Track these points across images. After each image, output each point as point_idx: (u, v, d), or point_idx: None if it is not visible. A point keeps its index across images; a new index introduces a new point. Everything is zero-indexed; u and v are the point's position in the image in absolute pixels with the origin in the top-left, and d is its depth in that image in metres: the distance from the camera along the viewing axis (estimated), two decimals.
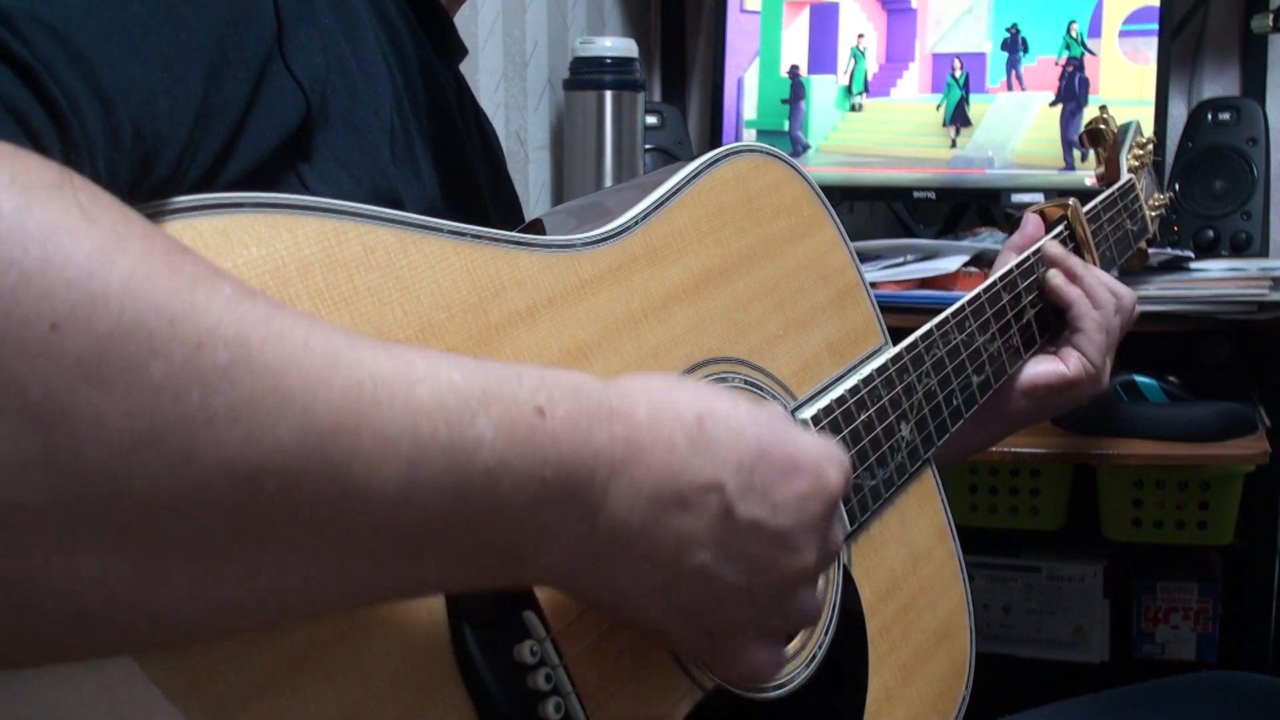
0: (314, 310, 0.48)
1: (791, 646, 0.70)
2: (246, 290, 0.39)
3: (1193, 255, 1.50)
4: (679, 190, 0.72)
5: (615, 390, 0.50)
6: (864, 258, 1.55)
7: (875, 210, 1.94)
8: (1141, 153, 1.19)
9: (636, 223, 0.68)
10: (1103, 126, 1.16)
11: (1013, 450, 1.38)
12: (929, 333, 0.86)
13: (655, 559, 0.50)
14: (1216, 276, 1.44)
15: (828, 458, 0.56)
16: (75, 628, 0.37)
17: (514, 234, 0.60)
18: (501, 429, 0.44)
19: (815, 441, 0.57)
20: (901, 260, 1.53)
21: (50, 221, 0.35)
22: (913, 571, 0.82)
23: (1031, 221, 1.05)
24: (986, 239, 1.62)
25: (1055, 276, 0.98)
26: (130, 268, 0.36)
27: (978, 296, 0.92)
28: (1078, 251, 1.05)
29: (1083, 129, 1.18)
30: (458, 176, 0.72)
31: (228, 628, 0.41)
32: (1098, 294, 0.99)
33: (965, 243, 1.57)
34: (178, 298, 0.37)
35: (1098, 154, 1.18)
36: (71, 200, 0.36)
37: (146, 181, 0.45)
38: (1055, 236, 1.02)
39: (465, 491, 0.43)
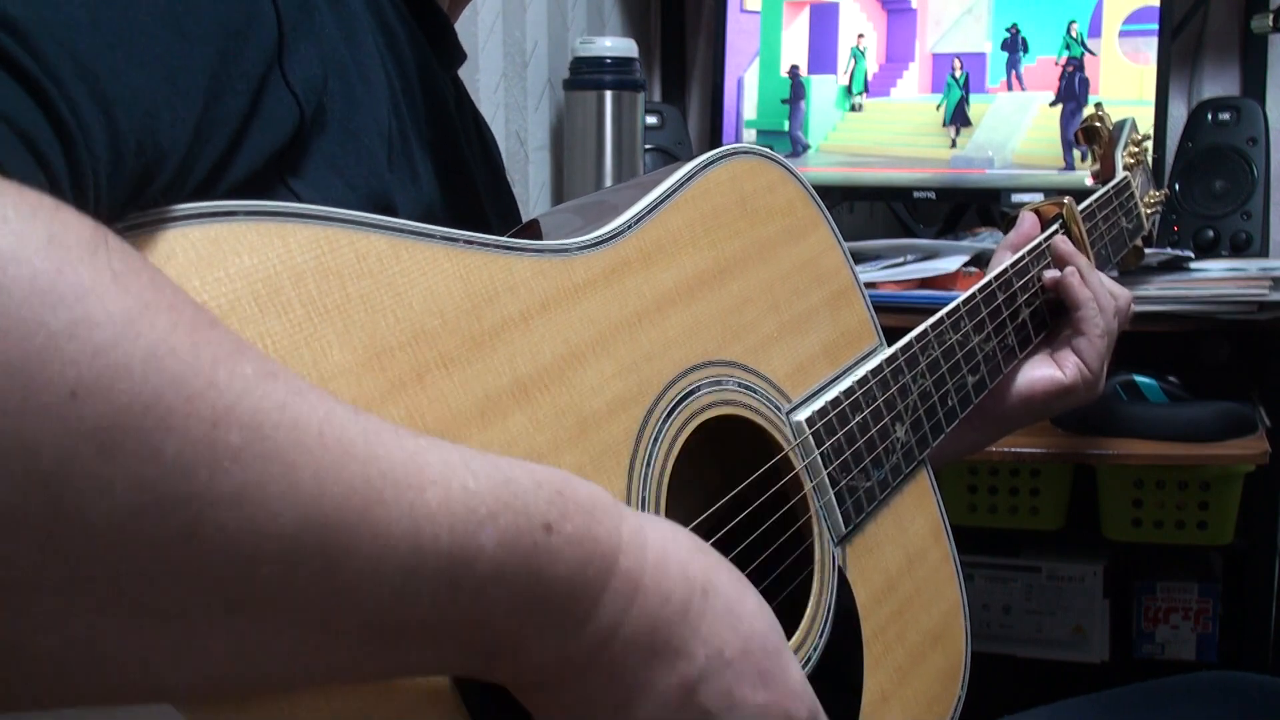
0: (306, 319, 0.49)
1: (788, 645, 0.70)
2: (268, 370, 0.39)
3: (1193, 255, 1.50)
4: (673, 193, 0.72)
5: (634, 521, 0.50)
6: (864, 258, 1.55)
7: (875, 210, 1.94)
8: (1137, 149, 1.19)
9: (630, 226, 0.68)
10: (1098, 124, 1.16)
11: (1013, 450, 1.39)
12: (924, 333, 0.86)
13: (607, 694, 0.50)
14: (1216, 276, 1.44)
15: (802, 693, 0.57)
16: (57, 682, 0.37)
17: (507, 239, 0.60)
18: (505, 542, 0.44)
19: (799, 673, 0.57)
20: (901, 260, 1.54)
21: (83, 285, 0.35)
22: (908, 572, 0.82)
23: (1028, 220, 1.05)
24: (986, 239, 1.62)
25: (1072, 275, 0.98)
26: (155, 340, 0.36)
27: (973, 296, 0.92)
28: None
29: (1079, 126, 1.18)
30: (456, 181, 0.72)
31: (207, 693, 0.42)
32: (1101, 297, 0.98)
33: (965, 243, 1.58)
34: (199, 375, 0.37)
35: (1093, 151, 1.18)
36: (105, 264, 0.36)
37: (146, 193, 0.45)
38: (1051, 236, 1.02)
39: (455, 598, 0.43)
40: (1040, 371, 0.98)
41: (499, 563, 0.44)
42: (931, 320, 0.87)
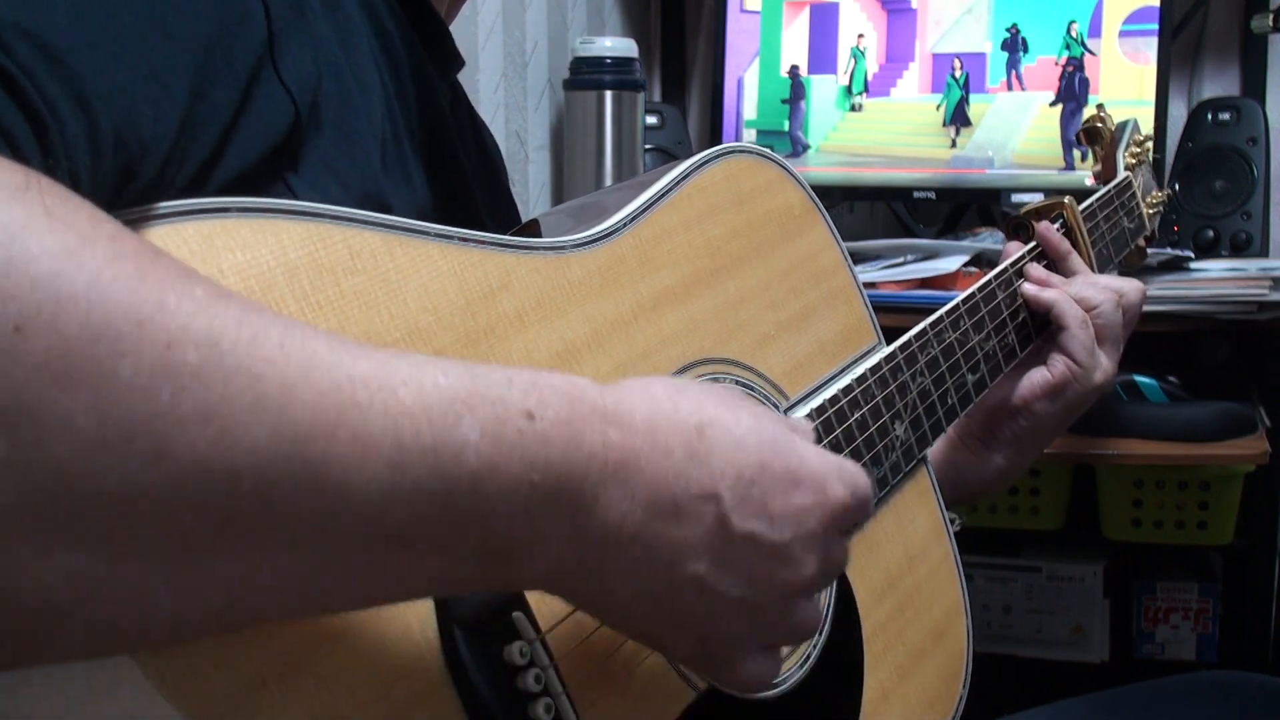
0: (299, 314, 0.49)
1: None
2: (220, 293, 0.39)
3: (1193, 255, 1.50)
4: (669, 191, 0.72)
5: (613, 394, 0.50)
6: (864, 258, 1.55)
7: (875, 210, 1.94)
8: (1139, 150, 1.19)
9: (626, 224, 0.68)
10: (1099, 124, 1.16)
11: None
12: (923, 331, 0.86)
13: (649, 567, 0.50)
14: (1216, 276, 1.44)
15: (830, 473, 0.56)
16: (49, 627, 0.37)
17: (502, 237, 0.60)
18: (488, 431, 0.43)
19: (821, 456, 0.56)
20: (901, 260, 1.53)
21: (14, 222, 0.35)
22: (908, 571, 0.82)
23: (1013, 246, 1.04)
24: (986, 239, 1.62)
25: (1028, 288, 0.97)
26: (97, 269, 0.36)
27: (972, 295, 0.92)
28: (1074, 250, 1.04)
29: (1081, 126, 1.18)
30: (449, 185, 0.72)
31: (210, 626, 0.41)
32: (1082, 293, 0.98)
33: (965, 243, 1.57)
34: (146, 299, 0.37)
35: (1095, 152, 1.18)
36: (37, 201, 0.36)
37: (130, 188, 0.45)
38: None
39: (450, 494, 0.42)
40: (1031, 378, 0.98)
41: (487, 455, 0.43)
42: (931, 318, 0.87)
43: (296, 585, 0.41)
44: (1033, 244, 1.00)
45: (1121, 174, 1.15)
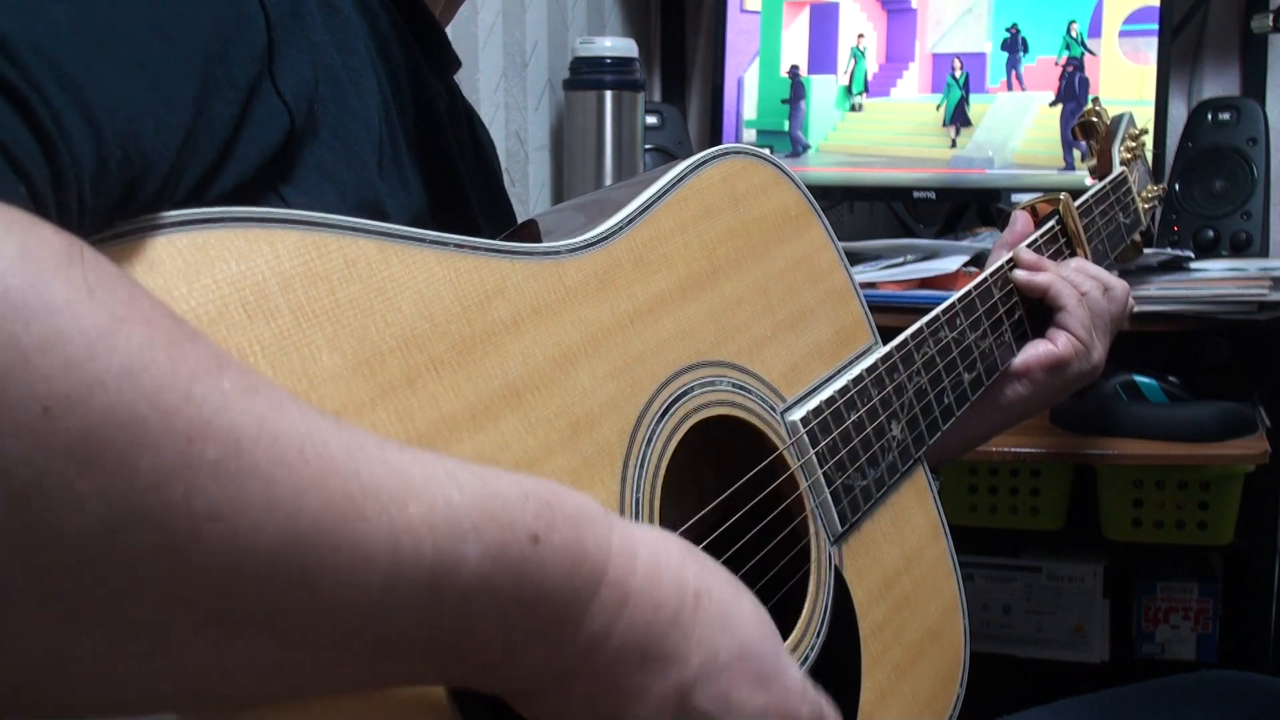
0: (295, 324, 0.49)
1: (785, 646, 0.70)
2: (248, 385, 0.39)
3: (1193, 255, 1.50)
4: (665, 193, 0.72)
5: (624, 531, 0.50)
6: (864, 258, 1.55)
7: (875, 210, 1.94)
8: (1134, 145, 1.19)
9: (622, 228, 0.68)
10: (1095, 119, 1.16)
11: (1013, 450, 1.39)
12: (919, 331, 0.86)
13: (604, 698, 0.50)
14: (1216, 276, 1.44)
15: (803, 692, 0.57)
16: (31, 694, 0.37)
17: (497, 242, 0.60)
18: (490, 554, 0.44)
19: (802, 677, 0.57)
20: (901, 260, 1.54)
21: (57, 299, 0.35)
22: (905, 571, 0.82)
23: (1020, 219, 1.05)
24: (986, 239, 1.62)
25: (1019, 274, 0.98)
26: (130, 354, 0.36)
27: (968, 294, 0.92)
28: (1069, 246, 1.05)
29: (1076, 121, 1.18)
30: (445, 188, 0.72)
31: (179, 705, 0.41)
32: (1072, 278, 0.99)
33: (965, 243, 1.58)
34: (175, 389, 0.37)
35: (1090, 147, 1.18)
36: (79, 277, 0.36)
37: (133, 203, 0.45)
38: (1046, 232, 1.02)
39: (438, 608, 0.43)
40: (1034, 349, 0.98)
41: (484, 574, 0.44)
42: (927, 318, 0.87)
43: (272, 675, 0.41)
44: (1028, 242, 1.00)
45: (1117, 169, 1.15)
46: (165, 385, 0.36)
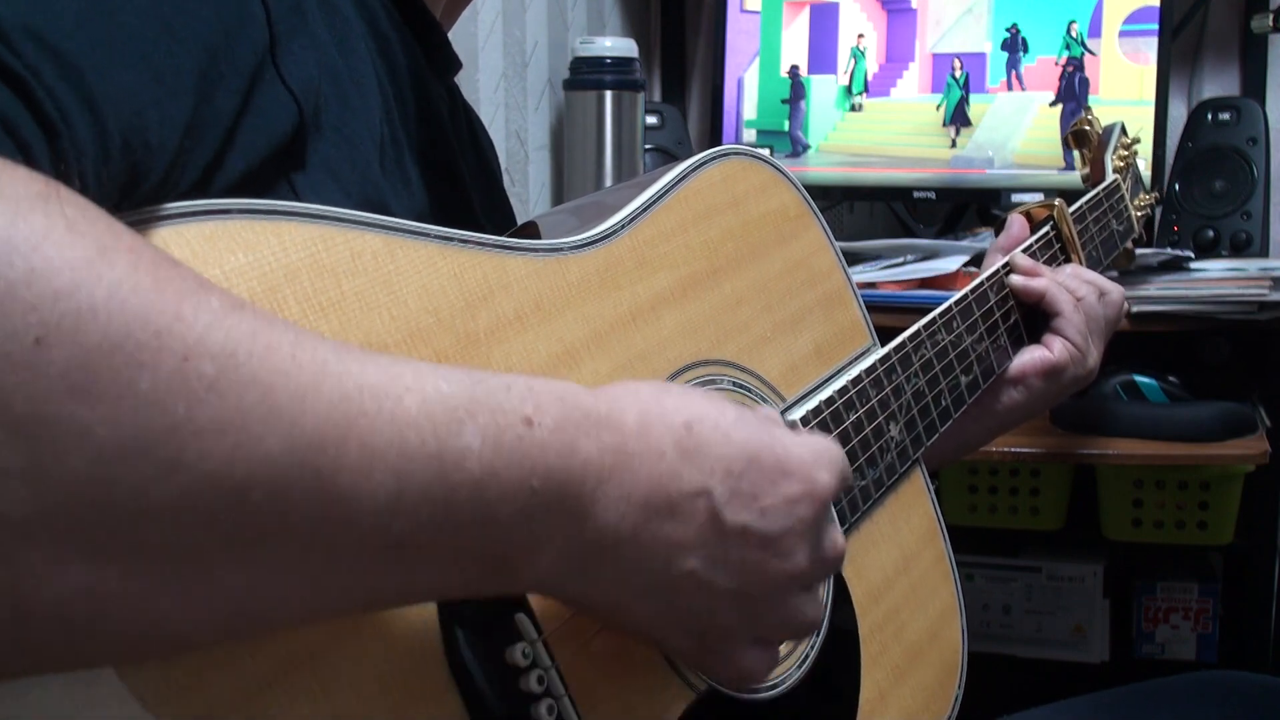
0: (301, 316, 0.49)
1: (783, 648, 0.70)
2: (234, 303, 0.39)
3: (1193, 255, 1.50)
4: (666, 193, 0.72)
5: (604, 397, 0.50)
6: (864, 258, 1.55)
7: (875, 210, 1.94)
8: (1127, 153, 1.19)
9: (624, 226, 0.68)
10: (1087, 127, 1.17)
11: (1013, 450, 1.39)
12: (917, 333, 0.86)
13: (645, 565, 0.51)
14: (1216, 276, 1.44)
15: (818, 460, 0.56)
16: (64, 638, 0.37)
17: (502, 239, 0.60)
18: (489, 438, 0.44)
19: (806, 443, 0.57)
20: (901, 260, 1.54)
21: (36, 234, 0.35)
22: (904, 571, 0.82)
23: (1016, 223, 1.05)
24: (986, 239, 1.62)
25: (1015, 279, 0.98)
26: (116, 280, 0.36)
27: (965, 297, 0.92)
28: (1064, 251, 1.05)
29: (1068, 130, 1.18)
30: (447, 189, 0.73)
31: (218, 636, 0.42)
32: (1068, 283, 0.99)
33: (965, 243, 1.58)
34: (164, 310, 0.37)
35: (1083, 155, 1.18)
36: (58, 212, 0.36)
37: (137, 192, 0.46)
38: (1041, 237, 1.03)
39: (453, 500, 0.43)
40: (1030, 355, 0.99)
41: (488, 462, 0.44)
42: (924, 320, 0.88)
43: (301, 592, 0.41)
44: (1024, 246, 1.00)
45: (1110, 177, 1.15)
46: (154, 307, 0.37)
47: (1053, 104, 1.65)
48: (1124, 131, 1.21)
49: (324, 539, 0.40)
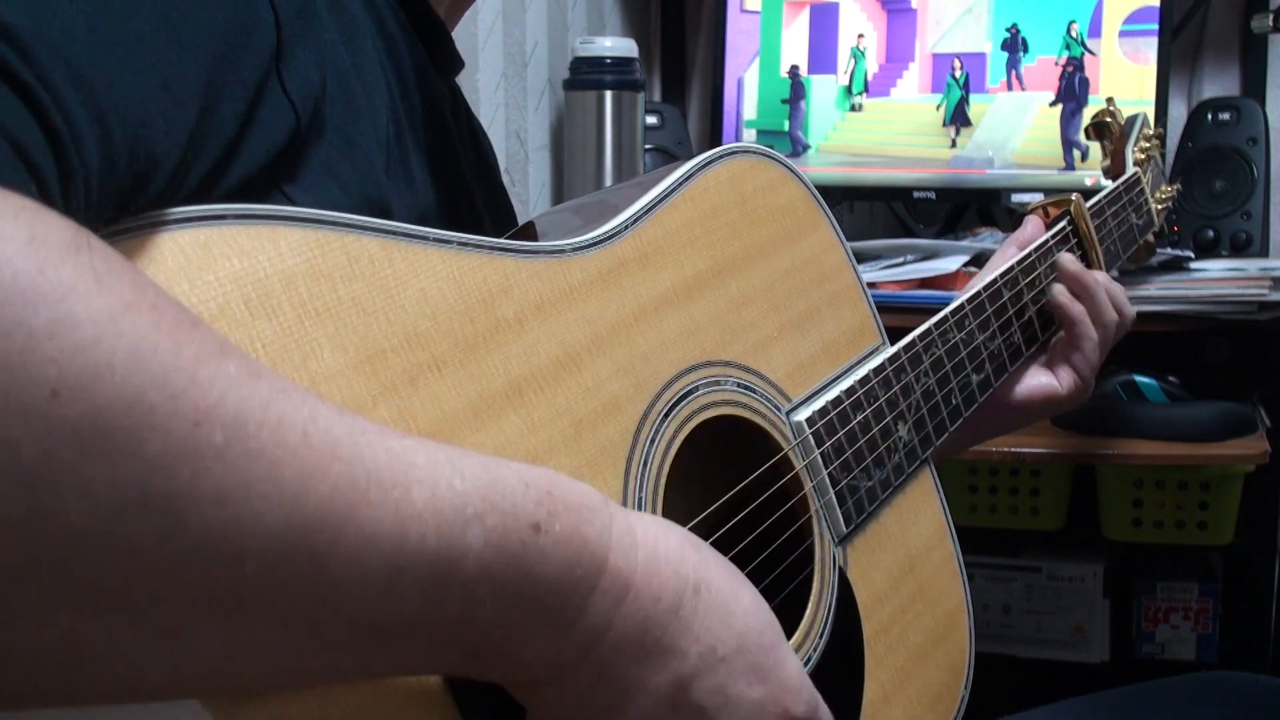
0: (297, 322, 0.48)
1: (785, 639, 0.69)
2: (252, 370, 0.39)
3: (1193, 255, 1.49)
4: (672, 192, 0.72)
5: (622, 523, 0.50)
6: (864, 258, 1.55)
7: (875, 210, 1.94)
8: (1149, 145, 1.18)
9: (627, 226, 0.68)
10: (1109, 119, 1.15)
11: (1013, 450, 1.38)
12: (928, 331, 0.86)
13: (604, 692, 0.51)
14: (1216, 276, 1.44)
15: (799, 688, 0.57)
16: (38, 682, 0.37)
17: (502, 241, 0.59)
18: (493, 541, 0.44)
19: (799, 671, 0.57)
20: (901, 260, 1.53)
21: (64, 284, 0.35)
22: (910, 572, 0.82)
23: (1031, 223, 1.04)
24: (986, 239, 1.62)
25: (1060, 294, 0.97)
26: (137, 338, 0.36)
27: (978, 294, 0.91)
28: (1080, 247, 1.04)
29: (1089, 122, 1.17)
30: (451, 188, 0.72)
31: (193, 692, 0.42)
32: (1104, 314, 0.98)
33: (965, 243, 1.57)
34: (181, 372, 0.37)
35: (1104, 147, 1.16)
36: (87, 264, 0.36)
37: (138, 200, 0.45)
38: (1058, 234, 1.01)
39: (442, 597, 0.43)
40: (1037, 380, 0.98)
41: (486, 562, 0.44)
42: (936, 318, 0.87)
43: (281, 660, 0.41)
44: (1039, 243, 0.99)
45: (1130, 170, 1.14)
46: (171, 369, 0.36)
47: (1053, 104, 1.64)
48: (1146, 123, 1.19)
49: (310, 617, 0.40)
